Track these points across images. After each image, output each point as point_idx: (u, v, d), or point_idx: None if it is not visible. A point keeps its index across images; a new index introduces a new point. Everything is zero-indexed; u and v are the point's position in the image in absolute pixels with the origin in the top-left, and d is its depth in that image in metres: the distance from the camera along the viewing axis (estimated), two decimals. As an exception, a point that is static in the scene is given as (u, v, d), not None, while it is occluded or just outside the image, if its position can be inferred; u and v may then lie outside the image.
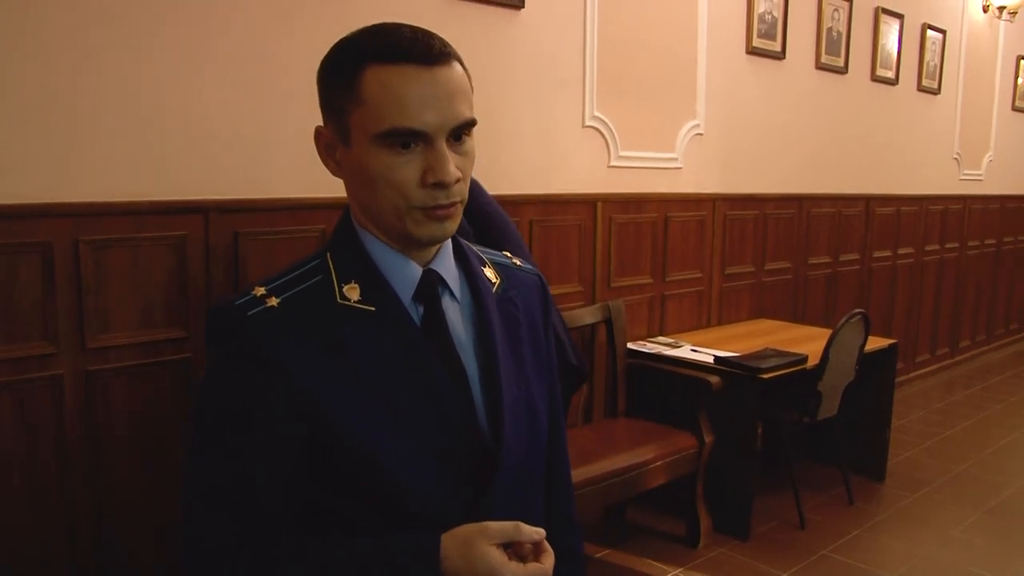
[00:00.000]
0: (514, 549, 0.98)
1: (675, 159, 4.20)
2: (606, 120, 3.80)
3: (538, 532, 0.98)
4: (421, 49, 0.99)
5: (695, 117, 4.29)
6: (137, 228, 2.42)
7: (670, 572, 3.37)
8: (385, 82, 0.98)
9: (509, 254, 1.28)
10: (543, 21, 3.48)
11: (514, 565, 0.96)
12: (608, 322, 3.80)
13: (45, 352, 2.29)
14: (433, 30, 1.04)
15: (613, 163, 3.87)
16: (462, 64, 1.04)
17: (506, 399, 1.09)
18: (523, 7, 3.38)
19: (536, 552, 0.99)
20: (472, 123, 1.03)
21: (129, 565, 2.49)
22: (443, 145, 0.99)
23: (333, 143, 1.05)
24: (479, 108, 1.06)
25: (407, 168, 0.99)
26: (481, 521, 0.99)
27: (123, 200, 2.39)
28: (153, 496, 2.49)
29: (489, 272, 1.18)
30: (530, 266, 1.29)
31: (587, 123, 3.73)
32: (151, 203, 2.44)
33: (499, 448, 1.07)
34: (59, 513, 2.36)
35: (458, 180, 1.01)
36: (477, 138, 1.07)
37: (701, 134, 4.34)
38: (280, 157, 2.68)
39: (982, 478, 4.47)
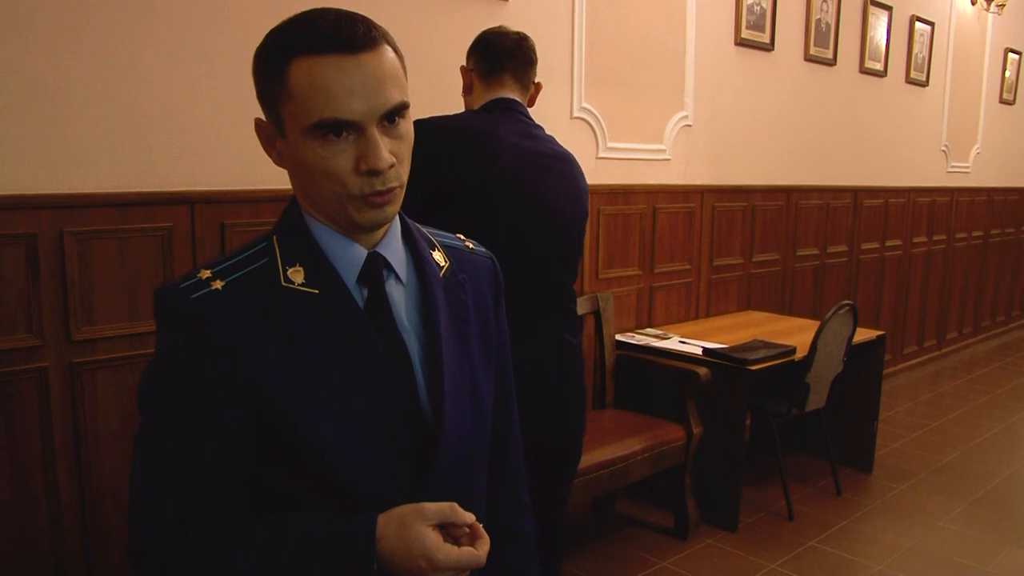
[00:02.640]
0: (448, 531, 1.00)
1: (663, 150, 4.20)
2: (594, 111, 3.79)
3: (469, 516, 1.01)
4: (345, 36, 0.99)
5: (683, 108, 4.29)
6: (123, 220, 2.41)
7: (659, 564, 3.37)
8: (311, 74, 0.98)
9: (463, 236, 1.28)
10: (530, 11, 3.47)
11: (448, 547, 0.98)
12: (596, 314, 3.80)
13: (30, 344, 2.28)
14: (418, 21, 1.04)
15: (601, 154, 3.87)
16: (392, 46, 1.05)
17: (447, 380, 1.10)
18: (511, -2, 3.37)
19: (471, 537, 1.01)
20: (403, 106, 1.03)
21: (115, 558, 2.48)
22: (374, 132, 1.00)
23: (272, 134, 1.06)
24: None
25: (341, 157, 1.00)
26: (422, 500, 1.01)
27: (108, 191, 2.38)
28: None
29: (438, 255, 1.19)
30: (483, 249, 1.29)
31: (575, 114, 3.72)
32: (137, 194, 2.43)
33: (440, 428, 1.08)
34: (44, 506, 2.34)
35: (392, 165, 1.02)
36: None
37: (689, 125, 4.33)
38: (267, 148, 2.66)
39: (968, 469, 4.50)
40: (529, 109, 2.31)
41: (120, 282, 2.42)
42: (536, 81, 2.32)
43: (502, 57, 2.25)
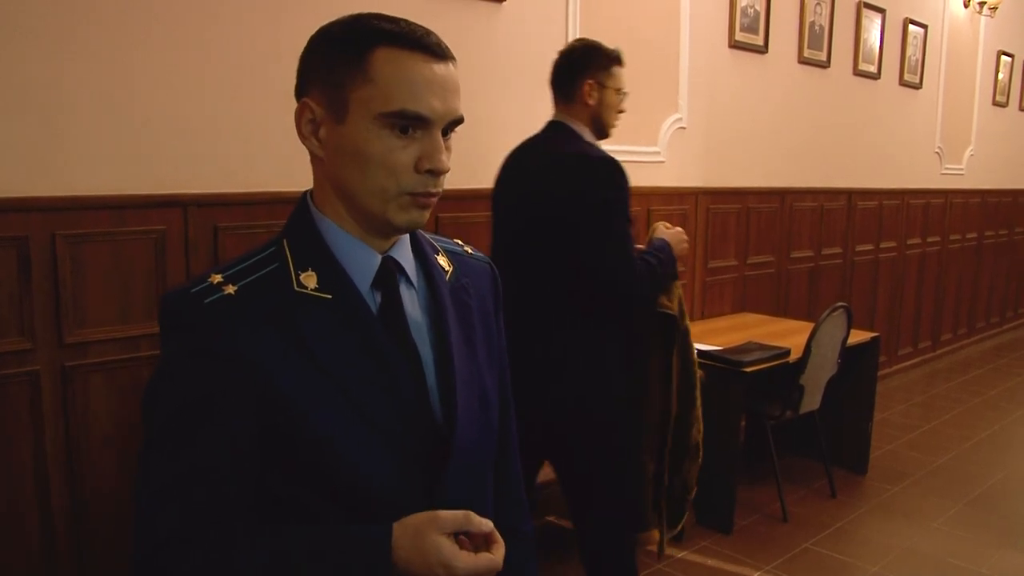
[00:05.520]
0: (463, 539, 0.99)
1: (658, 153, 4.20)
2: (589, 114, 3.78)
3: (487, 524, 1.00)
4: (432, 42, 1.03)
5: (678, 111, 4.29)
6: (115, 222, 2.40)
7: (654, 566, 3.37)
8: (398, 64, 1.00)
9: (460, 242, 1.29)
10: (525, 14, 3.47)
11: (465, 555, 0.97)
12: (591, 316, 3.79)
13: (21, 348, 2.27)
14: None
15: (596, 157, 3.86)
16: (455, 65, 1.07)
17: (459, 384, 1.11)
18: (504, 0, 3.36)
19: (487, 543, 1.00)
20: (461, 121, 1.07)
21: (108, 563, 2.47)
22: (440, 135, 1.03)
23: (321, 117, 1.04)
24: (461, 102, 1.07)
25: (404, 152, 1.02)
26: (436, 505, 1.01)
27: (101, 194, 2.37)
28: (133, 494, 2.46)
29: (442, 260, 1.19)
30: (481, 254, 1.30)
31: (570, 117, 3.72)
32: (129, 197, 2.42)
33: (452, 432, 1.09)
34: (36, 510, 2.33)
35: (448, 171, 1.04)
36: (460, 131, 1.11)
37: (684, 128, 4.33)
38: (259, 150, 2.65)
39: (963, 470, 4.50)
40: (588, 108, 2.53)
41: (113, 285, 2.41)
42: (588, 81, 2.48)
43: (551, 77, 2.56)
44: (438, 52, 1.02)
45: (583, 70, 2.49)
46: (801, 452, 4.51)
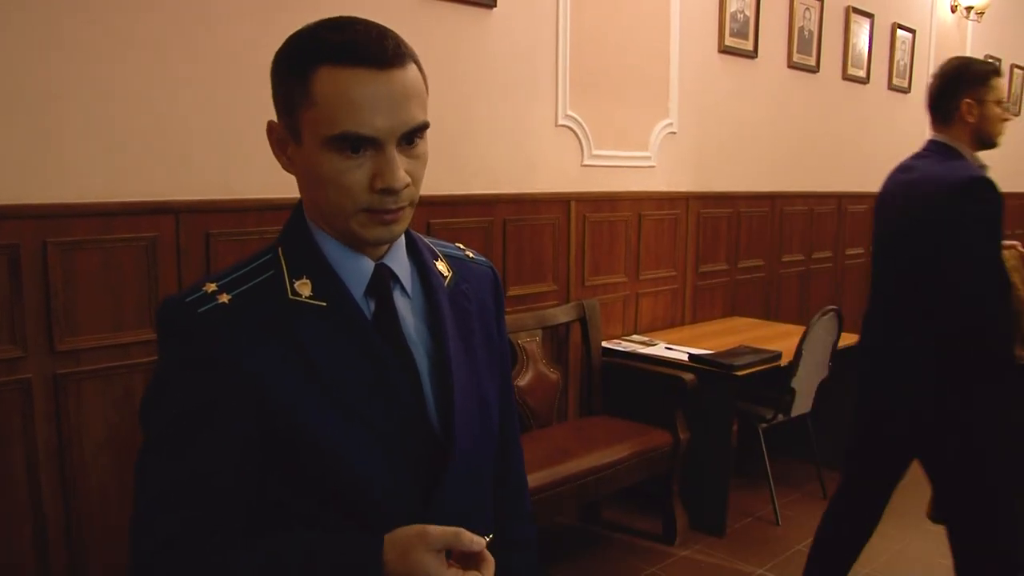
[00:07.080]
0: (456, 556, 0.97)
1: (648, 158, 4.22)
2: (579, 119, 3.80)
3: (478, 543, 0.96)
4: (376, 51, 0.97)
5: (668, 116, 4.31)
6: (106, 229, 2.40)
7: (647, 570, 3.37)
8: (338, 85, 0.97)
9: (462, 246, 1.28)
10: (516, 20, 3.48)
11: (452, 572, 0.95)
12: (583, 320, 3.81)
13: (13, 356, 2.27)
14: (405, 29, 1.03)
15: (587, 162, 3.88)
16: (417, 64, 1.03)
17: (457, 392, 1.10)
18: (495, 6, 3.37)
19: (477, 561, 0.98)
20: (424, 126, 1.02)
21: (103, 571, 2.46)
22: (393, 150, 0.99)
23: (284, 138, 1.05)
24: (452, 108, 1.06)
25: (357, 172, 0.99)
26: (435, 509, 1.00)
27: (92, 201, 2.37)
28: (126, 501, 2.47)
29: (441, 265, 1.18)
30: (483, 258, 1.29)
31: (560, 122, 3.74)
32: (120, 204, 2.42)
33: (450, 440, 1.08)
34: (28, 520, 2.33)
35: (407, 185, 1.01)
36: (451, 137, 1.08)
37: (674, 133, 4.35)
38: (250, 157, 2.66)
39: (954, 472, 4.51)
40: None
41: (104, 292, 2.41)
42: (967, 100, 2.52)
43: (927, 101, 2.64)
44: (382, 61, 0.97)
45: (959, 89, 2.52)
46: (793, 455, 4.52)
